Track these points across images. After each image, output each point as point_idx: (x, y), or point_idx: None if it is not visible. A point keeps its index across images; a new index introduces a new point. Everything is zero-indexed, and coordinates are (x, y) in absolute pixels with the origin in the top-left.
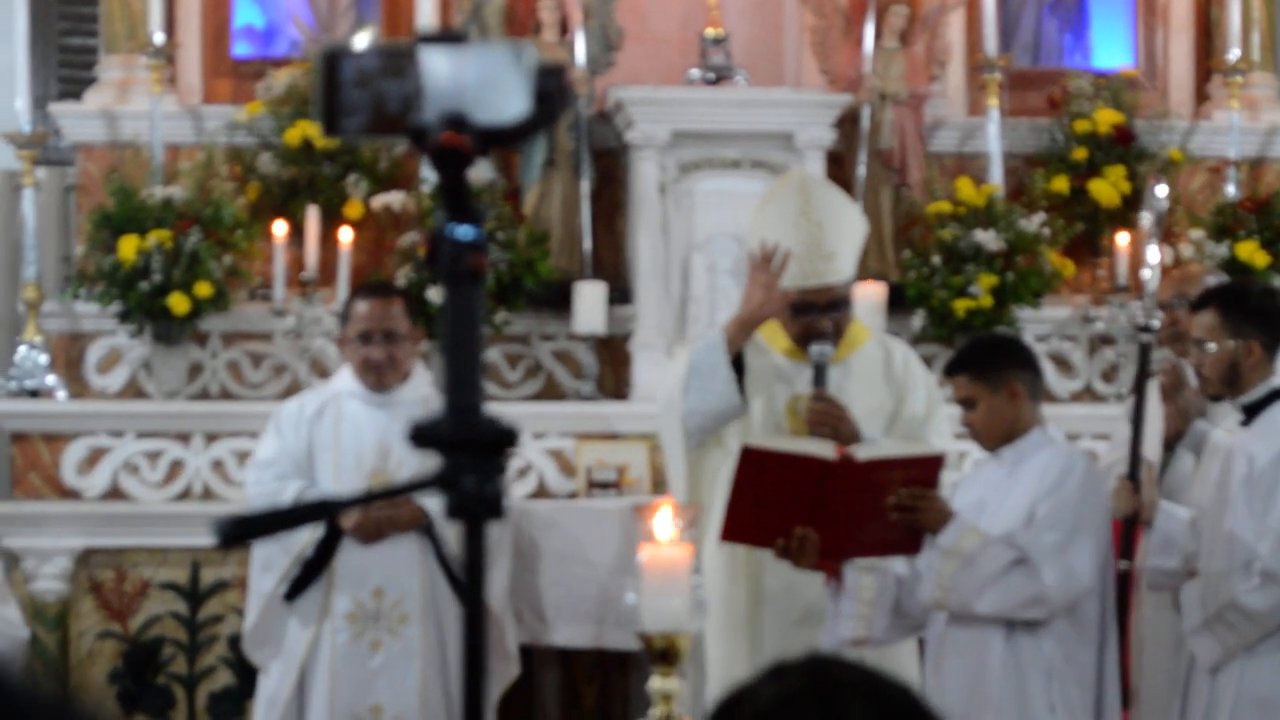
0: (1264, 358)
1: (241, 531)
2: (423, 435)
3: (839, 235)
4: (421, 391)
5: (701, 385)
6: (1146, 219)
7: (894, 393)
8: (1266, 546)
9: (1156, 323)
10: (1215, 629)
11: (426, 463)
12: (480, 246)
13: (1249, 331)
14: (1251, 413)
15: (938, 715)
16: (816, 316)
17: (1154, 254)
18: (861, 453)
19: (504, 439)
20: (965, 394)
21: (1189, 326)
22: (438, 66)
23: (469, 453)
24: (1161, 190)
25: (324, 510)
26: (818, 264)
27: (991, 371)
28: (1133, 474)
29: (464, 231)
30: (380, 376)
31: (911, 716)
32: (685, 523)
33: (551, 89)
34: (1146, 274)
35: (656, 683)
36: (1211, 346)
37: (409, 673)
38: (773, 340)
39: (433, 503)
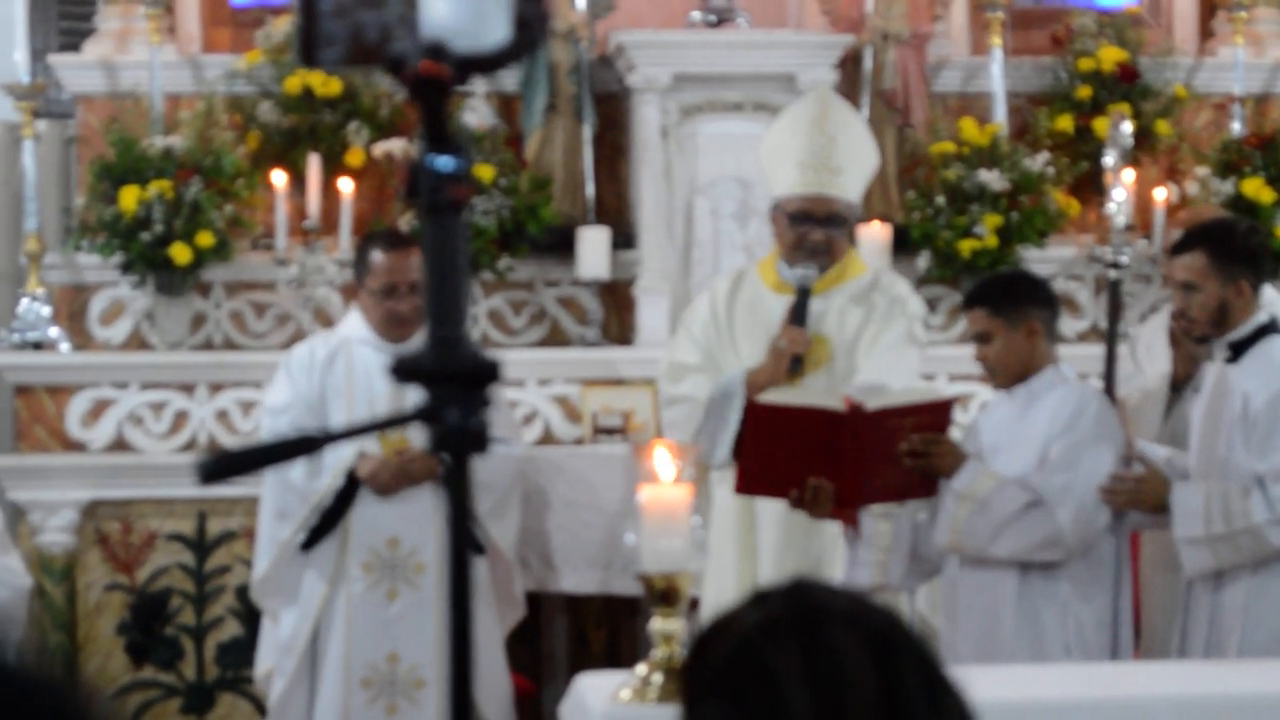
0: (1251, 296)
1: (225, 469)
2: (405, 369)
3: (850, 154)
4: None
5: (711, 432)
6: (1110, 156)
7: (867, 320)
8: None
9: (1125, 259)
10: (1216, 546)
11: None
12: (461, 177)
13: (1239, 272)
14: (1238, 349)
15: (922, 640)
16: (811, 227)
17: (1120, 192)
18: (871, 402)
19: (487, 372)
20: (982, 328)
21: (1171, 270)
22: None
23: (452, 386)
24: (1126, 126)
25: (306, 445)
26: (822, 174)
27: (1011, 307)
28: None
29: (444, 162)
30: (406, 330)
31: (895, 641)
32: (685, 462)
33: (531, 16)
34: (1113, 208)
35: (658, 624)
36: (1206, 289)
37: (425, 622)
38: (764, 274)
39: None
